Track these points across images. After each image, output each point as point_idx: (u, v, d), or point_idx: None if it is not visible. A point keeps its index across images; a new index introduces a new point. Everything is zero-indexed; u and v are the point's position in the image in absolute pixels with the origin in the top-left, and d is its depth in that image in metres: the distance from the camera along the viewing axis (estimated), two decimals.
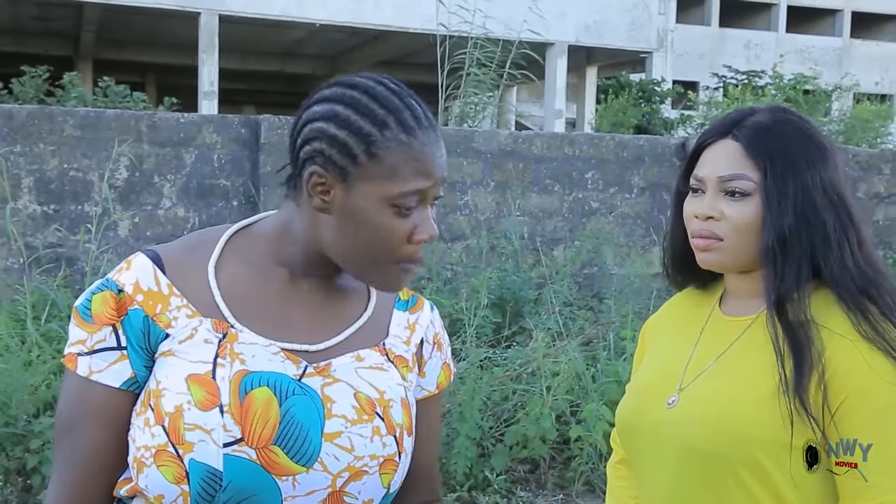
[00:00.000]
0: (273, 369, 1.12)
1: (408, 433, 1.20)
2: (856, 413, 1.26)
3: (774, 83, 15.35)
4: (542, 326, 5.00)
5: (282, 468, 1.08)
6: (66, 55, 17.91)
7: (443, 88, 7.45)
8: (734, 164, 1.36)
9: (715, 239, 1.38)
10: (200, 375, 1.09)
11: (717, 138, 1.40)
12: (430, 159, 1.14)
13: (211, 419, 1.07)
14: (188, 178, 6.28)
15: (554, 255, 7.07)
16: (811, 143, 1.37)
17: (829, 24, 27.24)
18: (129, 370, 1.13)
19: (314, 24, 15.21)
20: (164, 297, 1.13)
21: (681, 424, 1.37)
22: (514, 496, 4.25)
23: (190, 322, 1.13)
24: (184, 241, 1.22)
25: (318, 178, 1.13)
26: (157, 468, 1.08)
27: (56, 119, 6.03)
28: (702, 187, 1.40)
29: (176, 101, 10.00)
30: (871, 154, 8.49)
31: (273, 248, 1.20)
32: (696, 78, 22.88)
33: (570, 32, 16.29)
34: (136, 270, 1.14)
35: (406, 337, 1.27)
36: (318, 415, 1.12)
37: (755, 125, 1.38)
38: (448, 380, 1.34)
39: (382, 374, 1.20)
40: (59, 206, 6.07)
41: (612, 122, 14.08)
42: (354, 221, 1.13)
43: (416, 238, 1.15)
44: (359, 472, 1.12)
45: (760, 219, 1.35)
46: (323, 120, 1.13)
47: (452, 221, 6.97)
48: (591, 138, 7.59)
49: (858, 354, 1.27)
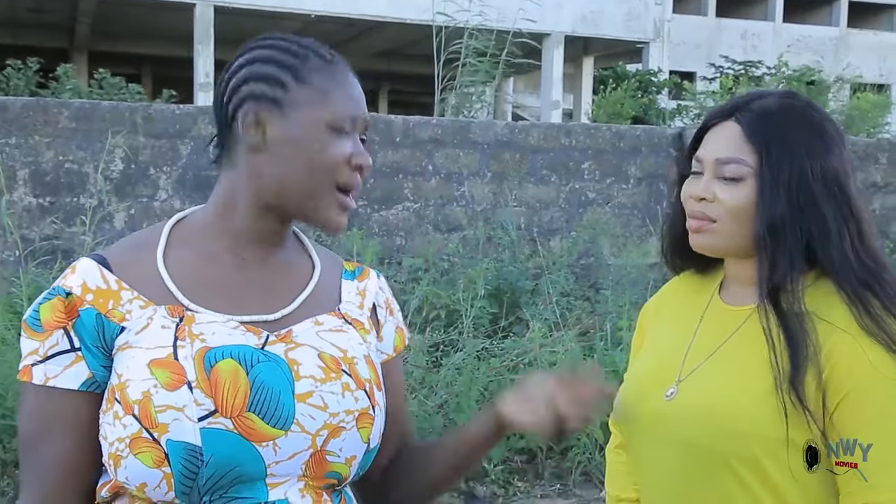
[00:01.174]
0: (235, 342, 1.13)
1: (377, 388, 1.21)
2: (857, 411, 1.24)
3: (777, 74, 15.34)
4: (539, 317, 5.00)
5: (260, 434, 1.08)
6: (61, 47, 17.86)
7: (439, 79, 7.43)
8: (732, 147, 1.35)
9: (707, 221, 1.36)
10: (162, 359, 1.09)
11: (720, 120, 1.39)
12: (355, 88, 1.21)
13: (181, 397, 1.07)
14: (184, 170, 6.26)
15: (551, 245, 7.07)
16: (814, 132, 1.35)
17: (826, 13, 27.19)
18: (87, 371, 1.12)
19: (310, 16, 15.18)
20: (115, 292, 1.14)
21: (679, 419, 1.36)
22: (512, 486, 4.26)
23: (144, 312, 1.13)
24: (126, 241, 1.24)
25: (253, 115, 1.16)
26: (135, 457, 1.06)
27: (51, 111, 6.01)
28: (701, 169, 1.39)
29: (173, 93, 9.98)
30: (869, 144, 8.49)
31: (215, 227, 1.21)
32: (693, 68, 22.84)
33: (566, 22, 16.26)
34: (81, 273, 1.15)
35: (359, 302, 1.29)
36: (286, 378, 1.12)
37: (760, 109, 1.36)
38: (403, 343, 1.37)
39: (343, 335, 1.22)
40: (55, 199, 6.05)
41: (610, 113, 14.06)
42: (293, 148, 1.16)
43: (354, 161, 1.17)
44: (336, 428, 1.13)
45: (754, 204, 1.33)
46: (246, 66, 1.19)
47: (449, 212, 6.96)
48: (588, 128, 7.58)
49: (860, 350, 1.25)
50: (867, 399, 1.24)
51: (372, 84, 22.33)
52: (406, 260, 6.06)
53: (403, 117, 6.96)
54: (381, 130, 6.77)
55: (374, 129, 6.76)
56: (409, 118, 6.95)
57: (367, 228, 6.63)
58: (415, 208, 6.90)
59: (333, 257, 1.35)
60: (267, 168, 1.17)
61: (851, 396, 1.25)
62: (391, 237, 6.80)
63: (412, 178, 6.87)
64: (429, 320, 5.12)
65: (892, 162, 8.34)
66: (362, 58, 18.27)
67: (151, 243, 1.20)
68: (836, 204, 1.33)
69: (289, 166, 1.16)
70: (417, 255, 6.16)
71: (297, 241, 1.32)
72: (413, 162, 6.86)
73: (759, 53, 22.22)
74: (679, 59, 22.43)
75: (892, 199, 8.35)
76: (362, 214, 6.74)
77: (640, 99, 15.06)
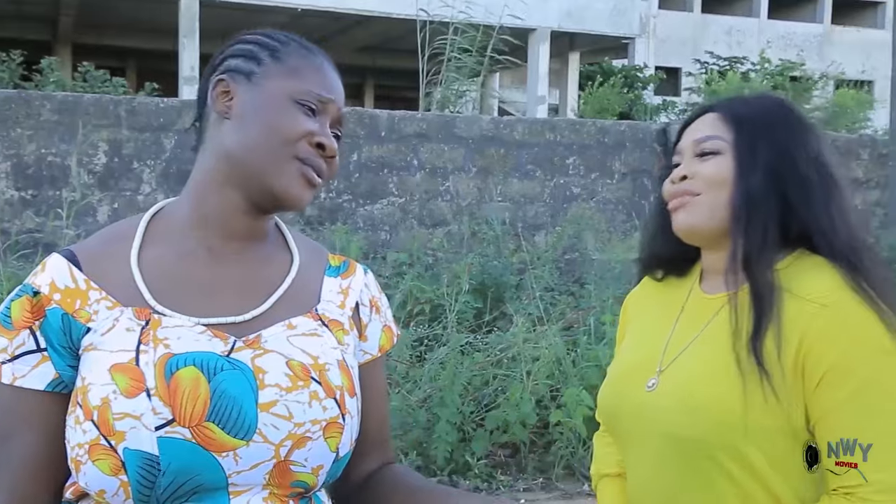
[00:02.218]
0: (199, 349, 1.10)
1: (349, 395, 1.17)
2: (838, 388, 1.23)
3: (760, 69, 15.40)
4: (523, 312, 5.01)
5: (219, 444, 1.06)
6: (44, 40, 17.74)
7: (424, 74, 7.43)
8: (707, 128, 1.38)
9: (690, 195, 1.37)
10: (123, 364, 1.07)
11: (698, 115, 1.43)
12: (333, 79, 1.21)
13: (139, 405, 1.04)
14: (168, 164, 6.24)
15: (535, 240, 7.08)
16: (792, 117, 1.38)
17: (811, 10, 27.31)
18: (53, 371, 1.11)
19: (296, 10, 15.14)
20: (83, 292, 1.12)
21: (660, 409, 1.36)
22: (495, 480, 4.27)
23: (110, 313, 1.11)
24: (100, 235, 1.21)
25: (223, 85, 1.18)
26: (93, 463, 1.05)
27: (33, 104, 5.98)
28: (680, 159, 1.40)
29: (156, 87, 9.92)
30: (850, 139, 8.54)
31: (191, 218, 1.19)
32: (679, 64, 22.92)
33: (552, 18, 16.28)
34: (50, 271, 1.13)
35: (340, 301, 1.25)
36: (250, 387, 1.09)
37: (737, 100, 1.41)
38: (391, 342, 1.33)
39: (316, 339, 1.18)
40: (37, 192, 6.02)
41: (598, 109, 14.09)
42: (254, 115, 1.16)
43: (314, 139, 1.16)
44: (301, 438, 1.10)
45: (733, 175, 1.34)
46: (228, 49, 1.22)
47: (434, 207, 6.96)
48: (573, 124, 7.59)
49: (839, 323, 1.25)
50: (848, 373, 1.23)
51: (358, 78, 22.29)
52: (390, 255, 6.06)
53: (388, 112, 6.95)
54: (367, 125, 6.76)
55: (360, 124, 6.76)
56: (394, 113, 6.94)
57: (352, 223, 6.63)
58: (400, 203, 6.89)
59: (318, 251, 1.31)
60: (229, 136, 1.17)
61: (833, 372, 1.24)
62: (376, 232, 6.80)
63: (397, 172, 6.87)
64: (413, 315, 5.12)
65: (874, 158, 8.40)
66: (348, 52, 18.24)
67: (127, 237, 1.18)
68: (822, 182, 1.34)
69: (248, 131, 1.15)
70: (402, 250, 6.16)
71: (280, 234, 1.29)
72: (398, 156, 6.86)
73: (743, 49, 22.30)
74: (664, 55, 22.49)
75: (873, 194, 8.41)
76: (347, 209, 6.73)
77: (626, 94, 15.09)
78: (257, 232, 1.22)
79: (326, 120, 1.19)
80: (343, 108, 1.23)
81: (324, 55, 1.23)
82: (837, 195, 1.35)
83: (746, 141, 1.34)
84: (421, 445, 4.21)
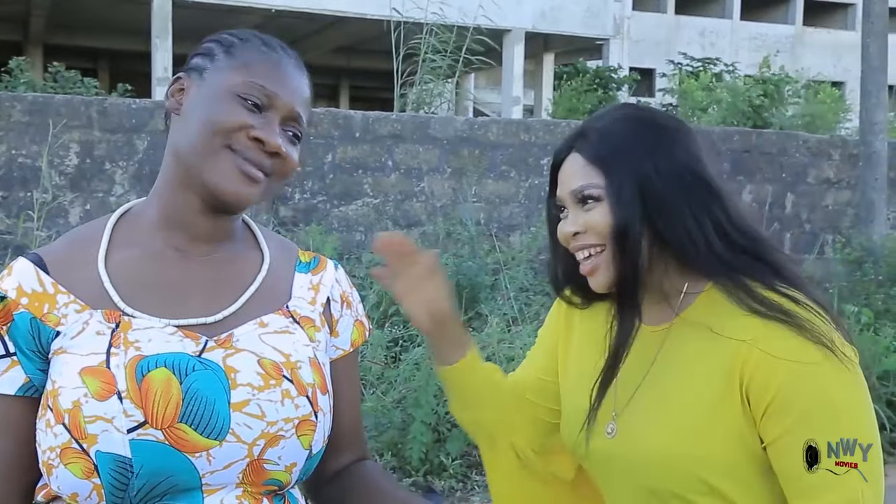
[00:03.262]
0: (170, 350, 1.10)
1: (321, 392, 1.17)
2: (788, 412, 1.23)
3: (732, 72, 15.48)
4: (498, 312, 5.03)
5: (192, 445, 1.06)
6: (14, 40, 17.54)
7: (398, 74, 7.42)
8: (578, 175, 1.36)
9: (594, 249, 1.35)
10: (94, 367, 1.07)
11: (564, 156, 1.40)
12: (289, 76, 1.18)
13: (111, 408, 1.04)
14: (140, 165, 6.20)
15: (510, 241, 7.10)
16: (648, 130, 1.35)
17: (783, 11, 27.54)
18: (23, 375, 1.10)
19: (270, 10, 15.06)
20: (50, 296, 1.12)
21: (626, 460, 1.35)
22: (470, 480, 4.28)
23: (80, 317, 1.11)
24: (67, 237, 1.20)
25: (179, 83, 1.18)
26: (65, 467, 1.05)
27: (3, 104, 5.91)
28: (564, 207, 1.39)
29: (129, 88, 9.85)
30: (821, 140, 8.63)
31: (156, 219, 1.19)
32: (653, 65, 23.03)
33: (526, 19, 16.31)
34: (17, 275, 1.13)
35: (311, 297, 1.25)
36: (222, 387, 1.09)
37: (593, 132, 1.37)
38: (363, 337, 1.33)
39: (288, 336, 1.18)
40: (8, 193, 5.96)
41: (568, 108, 14.14)
42: (197, 109, 1.15)
43: (252, 132, 1.13)
44: (274, 437, 1.10)
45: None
46: (193, 53, 1.22)
47: (409, 208, 6.96)
48: (547, 124, 7.62)
49: (767, 357, 1.24)
50: (796, 397, 1.23)
51: (333, 80, 22.23)
52: (365, 255, 6.05)
53: (363, 112, 6.94)
54: (341, 125, 6.75)
55: (334, 124, 6.74)
56: (368, 113, 6.94)
57: (327, 224, 6.61)
58: (374, 204, 6.89)
59: (287, 247, 1.30)
60: (175, 133, 1.17)
61: (778, 400, 1.24)
62: (350, 233, 6.79)
63: (371, 173, 6.86)
64: (388, 315, 5.12)
65: (844, 158, 8.49)
66: (323, 53, 18.18)
67: (94, 240, 1.17)
68: (691, 193, 1.31)
69: (189, 126, 1.15)
70: None
71: (249, 232, 1.28)
72: (372, 157, 6.85)
73: (716, 51, 22.46)
74: (638, 56, 22.61)
75: (844, 194, 8.50)
76: (321, 210, 6.72)
77: (595, 94, 15.16)
78: (221, 232, 1.21)
79: (275, 116, 1.16)
80: (301, 106, 1.19)
81: (287, 53, 1.21)
82: (717, 210, 1.32)
83: (615, 181, 1.32)
84: (396, 446, 4.21)
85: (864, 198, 8.20)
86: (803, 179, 8.36)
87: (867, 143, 8.19)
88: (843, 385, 1.24)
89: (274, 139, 1.14)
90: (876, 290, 6.85)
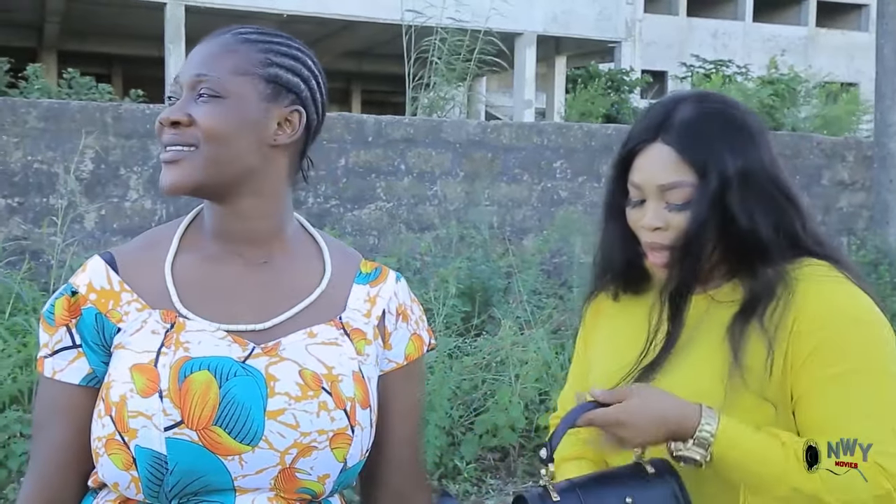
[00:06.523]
0: (216, 353, 1.14)
1: (361, 406, 1.18)
2: (824, 367, 1.27)
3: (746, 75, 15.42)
4: (511, 315, 5.02)
5: (225, 448, 1.09)
6: (29, 46, 17.65)
7: (410, 78, 7.44)
8: (670, 170, 1.34)
9: (666, 250, 1.37)
10: (144, 364, 1.12)
11: (647, 142, 1.38)
12: (196, 52, 1.22)
13: (152, 405, 1.09)
14: (155, 170, 6.23)
15: (523, 244, 7.10)
16: (737, 134, 1.35)
17: (796, 13, 27.44)
18: (87, 366, 1.17)
19: (282, 15, 15.11)
20: (116, 293, 1.18)
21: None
22: (484, 484, 4.28)
23: (140, 315, 1.17)
24: (141, 239, 1.26)
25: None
26: (109, 457, 1.11)
27: (19, 111, 5.96)
28: (641, 195, 1.38)
29: (142, 93, 9.89)
30: (836, 142, 8.59)
31: (216, 225, 1.22)
32: (665, 67, 22.98)
33: (538, 22, 16.31)
34: (90, 272, 1.20)
35: (366, 310, 1.26)
36: (259, 394, 1.12)
37: (682, 126, 1.35)
38: (420, 351, 1.32)
39: (335, 349, 1.19)
40: (24, 199, 6.00)
41: (581, 111, 14.11)
42: None
43: (162, 120, 1.17)
44: (307, 447, 1.12)
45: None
46: None
47: (422, 212, 6.97)
48: (560, 127, 7.62)
49: (820, 294, 1.30)
50: (837, 352, 1.29)
51: (344, 84, 22.28)
52: (378, 259, 6.06)
53: (375, 117, 6.96)
54: (353, 130, 6.77)
55: (346, 129, 6.76)
56: (380, 118, 6.95)
57: (340, 228, 6.63)
58: (387, 208, 6.90)
59: (350, 257, 1.31)
60: None
61: (818, 352, 1.28)
62: (364, 236, 6.80)
63: (384, 177, 6.88)
64: None
65: (859, 160, 8.45)
66: (334, 57, 18.22)
67: (165, 242, 1.23)
68: (772, 200, 1.35)
69: None
70: (390, 255, 6.16)
71: (313, 242, 1.29)
72: (385, 161, 6.86)
73: (729, 52, 22.40)
74: (650, 59, 22.56)
75: (858, 196, 8.46)
76: (335, 214, 6.74)
77: (609, 97, 15.11)
78: (254, 232, 1.22)
79: (185, 94, 1.18)
80: (200, 66, 1.18)
81: (220, 33, 1.23)
82: (788, 207, 1.36)
83: (708, 184, 1.32)
84: None
85: (878, 200, 8.16)
86: (817, 181, 8.33)
87: (881, 145, 8.15)
88: None
89: (165, 114, 1.17)
90: (892, 292, 6.81)
